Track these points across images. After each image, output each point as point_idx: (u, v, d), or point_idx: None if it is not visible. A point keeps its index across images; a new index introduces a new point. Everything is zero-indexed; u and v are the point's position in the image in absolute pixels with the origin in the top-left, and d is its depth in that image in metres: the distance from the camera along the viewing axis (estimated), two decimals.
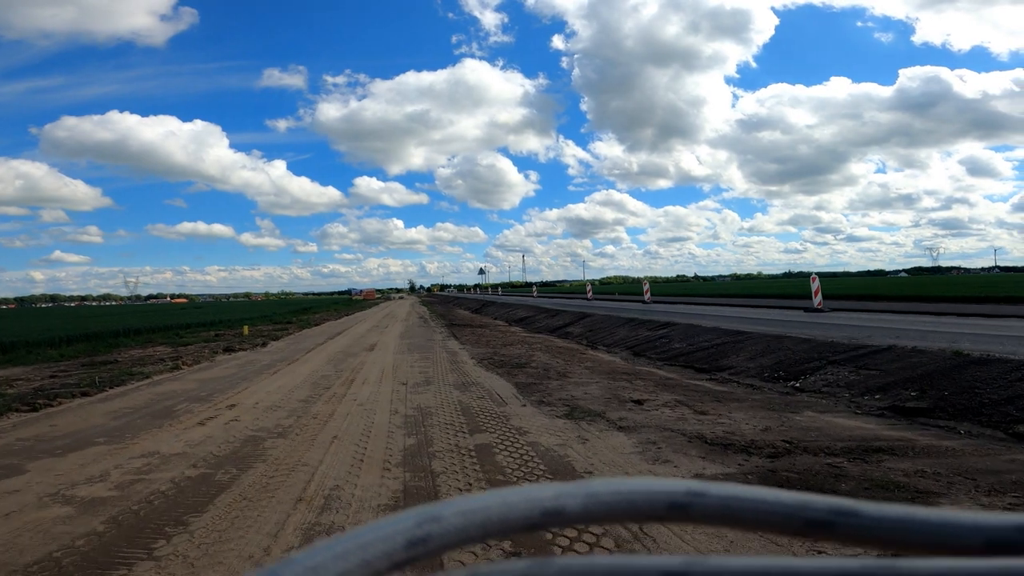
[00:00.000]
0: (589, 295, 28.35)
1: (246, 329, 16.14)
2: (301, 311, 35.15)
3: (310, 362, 9.52)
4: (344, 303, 59.24)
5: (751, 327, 10.69)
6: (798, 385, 6.95)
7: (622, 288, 66.89)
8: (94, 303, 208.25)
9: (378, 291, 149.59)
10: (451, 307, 36.18)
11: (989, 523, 0.25)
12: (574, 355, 10.45)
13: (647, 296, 21.46)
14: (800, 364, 7.66)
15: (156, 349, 12.83)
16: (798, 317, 12.83)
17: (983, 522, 0.25)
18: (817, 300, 13.30)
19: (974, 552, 0.24)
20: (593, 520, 0.26)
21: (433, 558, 0.25)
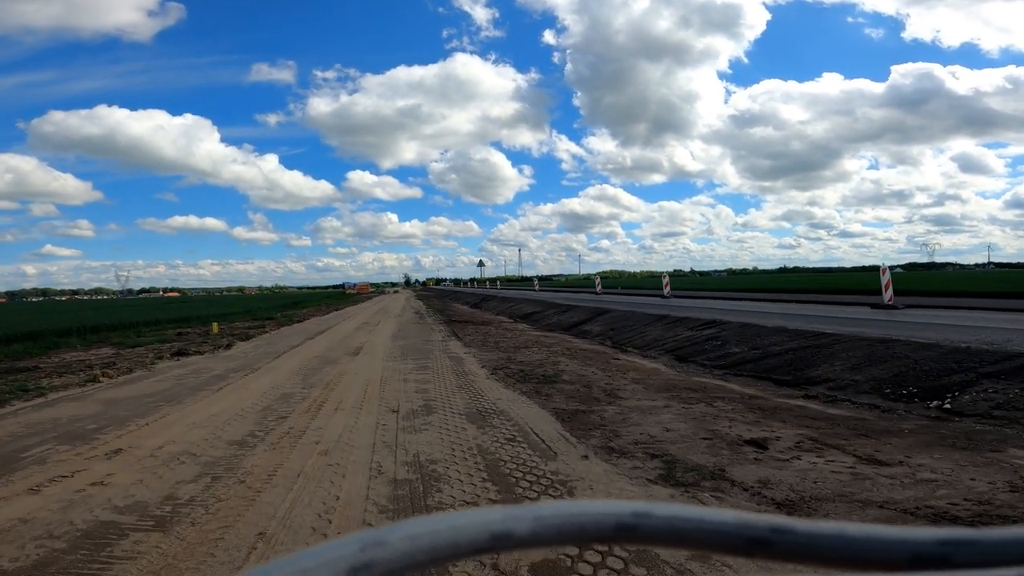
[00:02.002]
0: (598, 289, 26.29)
1: (215, 327, 14.01)
2: (289, 305, 32.97)
3: (274, 372, 7.40)
4: (336, 297, 56.86)
5: (828, 327, 8.65)
6: (948, 407, 5.02)
7: (623, 282, 64.91)
8: (85, 297, 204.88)
9: (373, 285, 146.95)
10: (448, 302, 34.02)
11: (913, 538, 0.25)
12: (607, 361, 8.41)
13: (667, 290, 19.42)
14: (936, 377, 5.64)
15: (98, 351, 10.68)
16: (866, 314, 10.81)
17: (908, 537, 0.25)
18: (888, 295, 11.27)
19: (900, 567, 0.24)
20: (542, 543, 0.25)
21: None
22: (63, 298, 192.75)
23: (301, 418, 4.80)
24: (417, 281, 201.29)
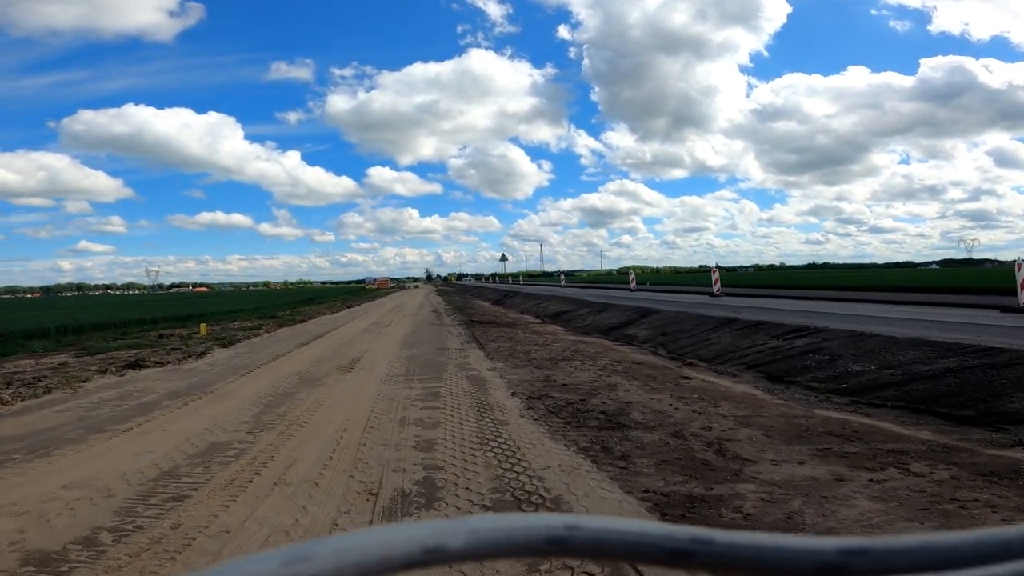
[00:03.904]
0: (633, 285, 23.89)
1: (204, 329, 12.23)
2: (305, 301, 31.46)
3: (227, 399, 5.41)
4: (355, 292, 55.54)
5: (978, 337, 6.32)
6: None
7: (652, 278, 62.06)
8: (118, 292, 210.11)
9: (394, 280, 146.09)
10: (469, 298, 32.01)
11: (817, 547, 0.26)
12: (676, 382, 6.25)
13: (716, 287, 17.01)
14: None
15: (53, 358, 8.93)
16: (1007, 320, 8.38)
17: (812, 547, 0.26)
18: None
19: (808, 575, 0.25)
20: (476, 557, 0.25)
21: None
22: (96, 293, 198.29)
23: (200, 507, 2.75)
24: (439, 276, 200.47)
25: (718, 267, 18.37)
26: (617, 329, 12.37)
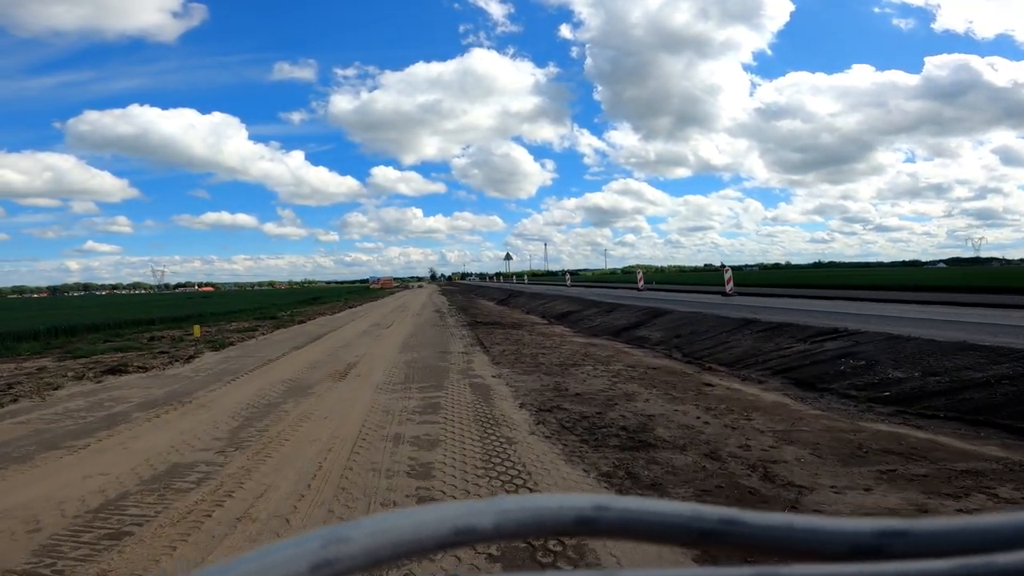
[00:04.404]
0: (640, 285, 23.29)
1: (197, 330, 11.76)
2: (307, 301, 31.03)
3: (206, 410, 4.90)
4: (359, 292, 55.08)
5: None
6: None
7: (657, 277, 61.34)
8: (124, 291, 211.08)
9: (397, 279, 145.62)
10: (473, 297, 31.47)
11: (853, 529, 0.25)
12: (698, 390, 5.73)
13: (729, 287, 16.41)
14: None
15: (35, 362, 8.47)
16: None
17: (848, 529, 0.25)
18: None
19: (842, 558, 0.25)
20: (504, 537, 0.25)
21: None
22: (103, 293, 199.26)
23: (140, 548, 2.24)
24: (443, 276, 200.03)
25: (729, 267, 17.76)
26: (628, 330, 11.81)
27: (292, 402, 5.15)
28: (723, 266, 17.19)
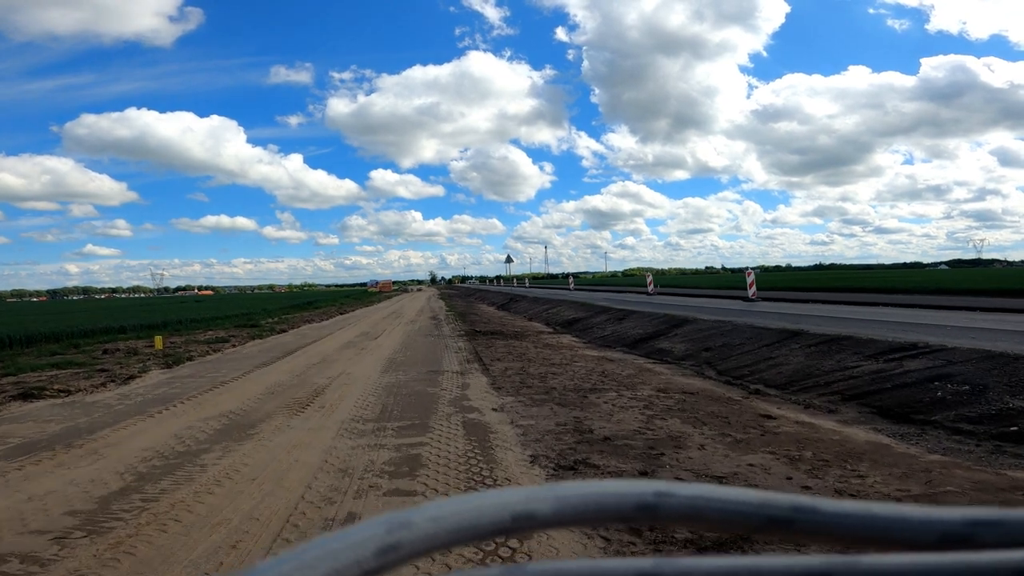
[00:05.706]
0: (651, 289, 21.89)
1: (159, 341, 10.37)
2: (299, 306, 29.64)
3: (100, 458, 3.51)
4: (355, 296, 53.68)
5: None
6: None
7: (661, 280, 59.76)
8: (123, 295, 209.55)
9: (397, 283, 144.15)
10: (472, 302, 30.07)
11: (941, 518, 0.24)
12: (759, 426, 4.38)
13: (752, 291, 15.02)
14: None
15: None
16: None
17: (936, 517, 0.24)
18: None
19: (929, 547, 0.24)
20: (563, 524, 0.25)
21: (403, 565, 0.24)
22: (102, 296, 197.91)
23: None
24: (443, 279, 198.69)
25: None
26: (646, 341, 10.44)
27: (219, 449, 3.77)
28: (747, 269, 15.77)
